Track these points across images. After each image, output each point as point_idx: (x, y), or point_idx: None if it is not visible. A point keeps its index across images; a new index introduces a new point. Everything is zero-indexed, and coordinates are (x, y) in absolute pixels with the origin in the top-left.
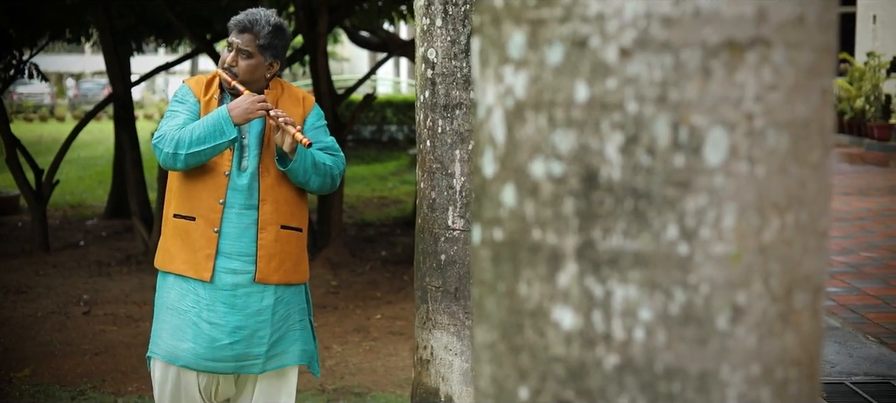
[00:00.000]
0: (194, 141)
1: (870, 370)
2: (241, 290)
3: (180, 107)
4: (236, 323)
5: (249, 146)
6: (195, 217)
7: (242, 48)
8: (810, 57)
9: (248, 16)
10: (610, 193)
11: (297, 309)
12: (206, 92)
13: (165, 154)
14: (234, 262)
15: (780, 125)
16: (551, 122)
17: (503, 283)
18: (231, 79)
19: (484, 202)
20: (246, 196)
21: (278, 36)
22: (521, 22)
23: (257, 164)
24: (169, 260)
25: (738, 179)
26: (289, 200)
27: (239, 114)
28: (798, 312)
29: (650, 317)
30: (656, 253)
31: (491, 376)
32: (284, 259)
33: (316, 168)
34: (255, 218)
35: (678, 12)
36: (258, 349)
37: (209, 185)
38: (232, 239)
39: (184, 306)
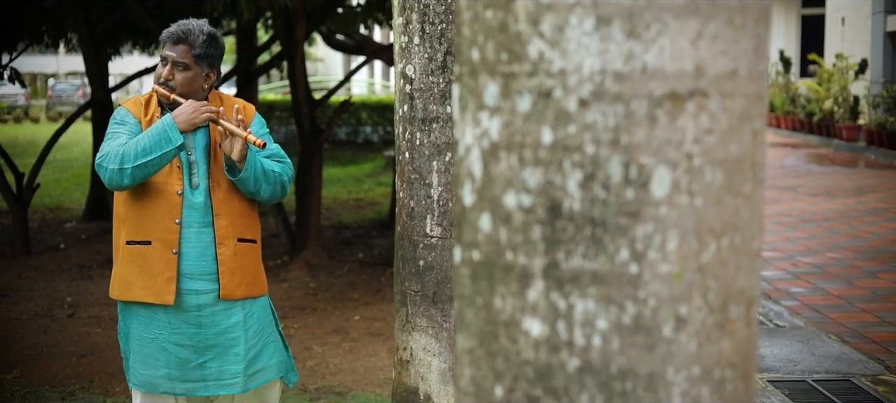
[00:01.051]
0: (140, 152)
1: (831, 368)
2: (207, 309)
3: (121, 128)
4: (207, 342)
5: (197, 162)
6: (151, 240)
7: (178, 60)
8: (742, 104)
9: (180, 27)
10: (571, 221)
11: (267, 321)
12: (146, 112)
13: (111, 171)
14: (197, 283)
15: (716, 163)
16: (521, 161)
17: (480, 297)
18: (169, 93)
19: (464, 227)
20: (202, 213)
21: (213, 45)
22: (495, 75)
23: (208, 179)
24: (127, 289)
25: (680, 210)
26: (243, 212)
27: (184, 120)
28: (733, 321)
29: (606, 326)
30: (611, 273)
31: (470, 377)
32: (245, 272)
33: (266, 175)
34: (212, 235)
35: (628, 68)
36: (235, 367)
37: (162, 207)
38: (193, 259)
39: (151, 334)
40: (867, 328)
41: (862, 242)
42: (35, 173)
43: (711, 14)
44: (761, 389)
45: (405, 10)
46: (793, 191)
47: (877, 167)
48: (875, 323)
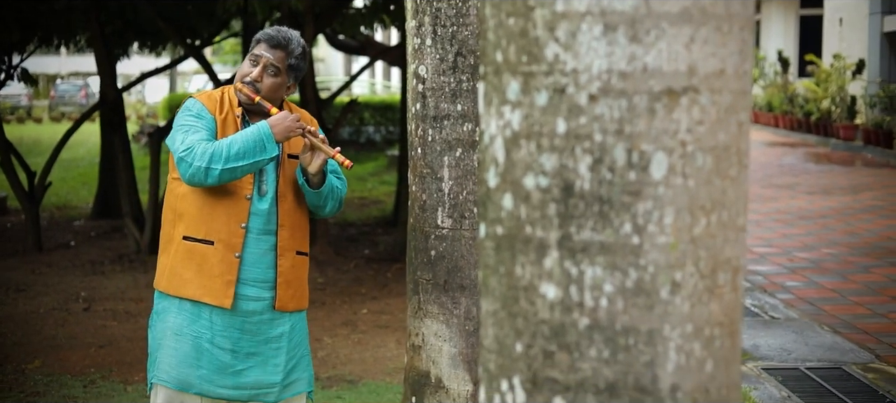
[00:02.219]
0: (232, 156)
1: (823, 357)
2: (256, 317)
3: (198, 122)
4: (250, 349)
5: (267, 169)
6: (214, 241)
7: (273, 64)
8: (729, 99)
9: (281, 33)
10: (582, 200)
11: (305, 334)
12: (221, 109)
13: (196, 167)
14: (251, 289)
15: (706, 149)
16: (539, 148)
17: (503, 266)
18: (254, 95)
19: (488, 206)
20: (265, 221)
21: (304, 59)
22: (517, 74)
23: (276, 189)
24: (181, 285)
25: (675, 189)
26: (303, 225)
27: (281, 131)
28: (721, 286)
29: (612, 290)
30: (616, 243)
31: (494, 336)
32: (298, 285)
33: (332, 191)
34: (272, 243)
35: (631, 68)
36: (273, 377)
37: (230, 209)
38: (249, 264)
39: (193, 331)
40: (859, 319)
41: (857, 238)
42: (47, 171)
43: (702, 21)
44: (756, 376)
45: (418, 13)
46: (790, 189)
47: (873, 166)
48: (867, 315)
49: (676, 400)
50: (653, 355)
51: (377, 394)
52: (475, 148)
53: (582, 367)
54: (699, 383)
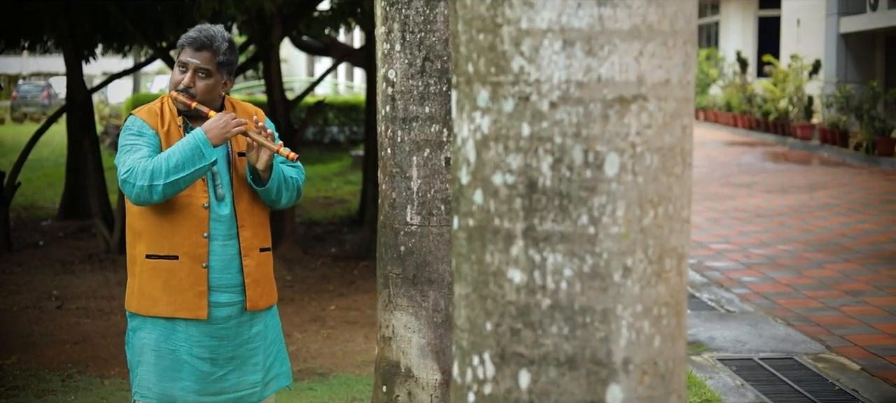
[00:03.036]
0: (172, 169)
1: (776, 348)
2: (231, 321)
3: (139, 139)
4: (228, 354)
5: (220, 173)
6: (178, 255)
7: (201, 66)
8: (674, 105)
9: (202, 33)
10: (544, 195)
11: (279, 328)
12: (162, 122)
13: (139, 187)
14: (223, 295)
15: (654, 150)
16: (506, 149)
17: (474, 255)
18: (190, 101)
19: (461, 201)
20: (228, 225)
21: (232, 52)
22: (486, 83)
23: (231, 191)
24: (151, 305)
25: (626, 186)
26: (263, 222)
27: (216, 135)
28: (667, 271)
29: (570, 274)
30: (574, 233)
31: (466, 316)
32: (266, 282)
33: (285, 182)
34: (238, 247)
35: (587, 79)
36: (254, 376)
37: (189, 221)
38: (218, 271)
39: (170, 345)
40: (812, 313)
41: (812, 235)
42: (16, 172)
43: (650, 37)
44: (711, 366)
45: (387, 19)
46: (748, 187)
47: (830, 165)
48: (820, 309)
49: (628, 372)
50: (607, 332)
51: (348, 386)
52: (442, 148)
53: (545, 343)
54: (648, 357)
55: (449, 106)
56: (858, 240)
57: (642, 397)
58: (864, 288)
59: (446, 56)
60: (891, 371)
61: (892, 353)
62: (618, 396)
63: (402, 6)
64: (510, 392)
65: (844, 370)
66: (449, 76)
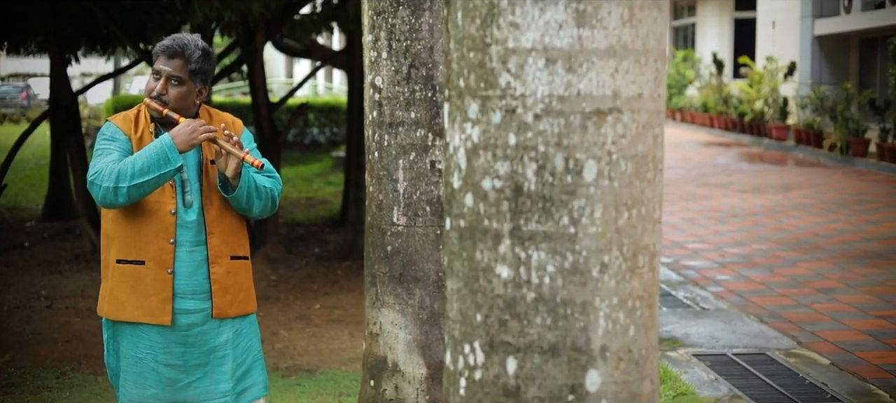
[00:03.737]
0: (137, 172)
1: (749, 343)
2: (196, 329)
3: (111, 144)
4: (195, 361)
5: (190, 179)
6: (145, 260)
7: (173, 74)
8: (646, 117)
9: (175, 41)
10: (529, 198)
11: (255, 338)
12: (136, 127)
13: (105, 189)
14: (188, 302)
15: (628, 157)
16: (494, 157)
17: (465, 252)
18: (162, 108)
19: (453, 203)
20: (195, 232)
21: (207, 60)
22: (476, 97)
23: (201, 198)
24: (119, 309)
25: (603, 190)
26: (234, 229)
27: (183, 141)
28: (641, 267)
29: (553, 270)
30: (556, 233)
31: (458, 309)
32: (238, 290)
33: (258, 191)
34: (205, 254)
35: (567, 93)
36: (223, 385)
37: (156, 226)
38: (184, 278)
39: (138, 353)
40: (784, 309)
41: (785, 235)
42: (2, 174)
43: (624, 55)
44: (686, 361)
45: (374, 28)
46: (724, 187)
47: (804, 165)
48: (792, 306)
49: (605, 359)
50: (586, 322)
51: (335, 381)
52: (428, 152)
53: (529, 332)
54: (623, 345)
55: (433, 111)
56: (831, 239)
57: (618, 381)
58: (836, 285)
59: (431, 63)
60: (859, 366)
61: (861, 348)
62: (596, 380)
63: (389, 16)
64: (498, 378)
65: (814, 364)
66: (434, 83)
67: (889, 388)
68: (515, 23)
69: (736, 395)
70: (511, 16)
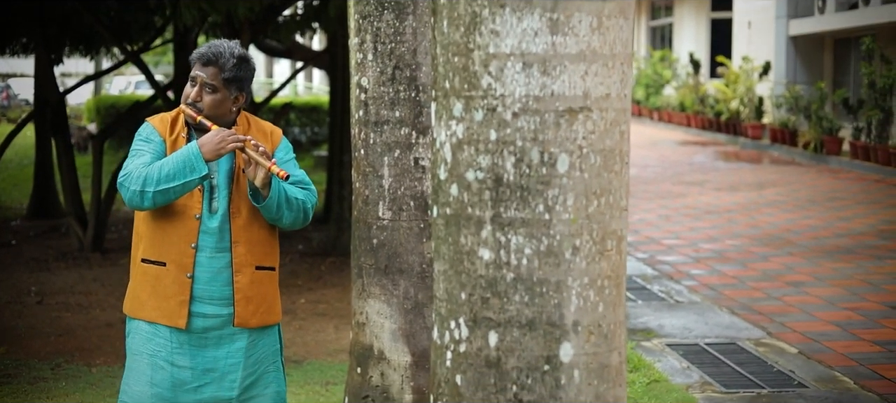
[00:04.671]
0: (163, 178)
1: (721, 334)
2: (213, 333)
3: (145, 146)
4: (205, 365)
5: (219, 186)
6: (166, 262)
7: (207, 82)
8: (613, 115)
9: (211, 48)
10: (508, 188)
11: (271, 350)
12: (172, 131)
13: (132, 192)
14: (207, 306)
15: (597, 151)
16: (477, 151)
17: (451, 237)
18: (196, 115)
19: (439, 193)
20: (217, 238)
21: (243, 68)
22: (460, 97)
23: (228, 205)
24: (139, 307)
25: (575, 180)
26: (262, 240)
27: (210, 150)
28: (609, 250)
29: (530, 252)
30: (532, 219)
31: (444, 288)
32: (261, 301)
33: (288, 203)
34: (227, 260)
35: (542, 94)
36: (229, 393)
37: (180, 230)
38: (204, 282)
39: (149, 349)
40: (755, 302)
41: (759, 231)
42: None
43: (593, 59)
44: (660, 351)
45: (360, 31)
46: (699, 186)
47: (779, 163)
48: (763, 298)
49: (577, 332)
50: (560, 299)
51: (321, 371)
52: (412, 149)
53: (509, 309)
54: (593, 320)
55: (417, 110)
56: (803, 235)
57: (589, 353)
58: (806, 279)
59: (415, 65)
60: (826, 355)
61: (828, 338)
62: (569, 352)
63: (374, 19)
64: (481, 350)
65: (783, 353)
66: (417, 83)
67: (853, 375)
68: (496, 30)
69: (707, 382)
70: (492, 24)
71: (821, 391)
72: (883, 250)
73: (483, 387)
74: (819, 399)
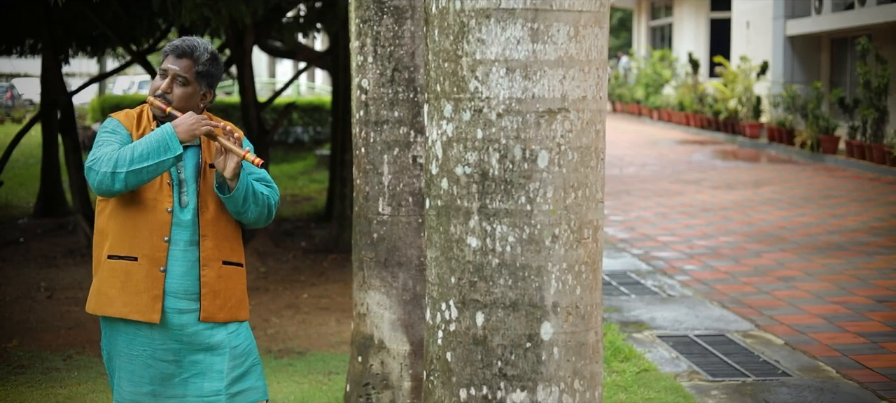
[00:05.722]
0: (136, 158)
1: (710, 326)
2: (190, 328)
3: (112, 136)
4: (190, 357)
5: (187, 180)
6: (137, 256)
7: (180, 74)
8: (589, 115)
9: (185, 42)
10: (494, 182)
11: (251, 344)
12: (138, 125)
13: (102, 174)
14: (181, 301)
15: (574, 149)
16: (465, 148)
17: (442, 227)
18: (165, 106)
19: (431, 186)
20: (190, 232)
21: (215, 65)
22: (450, 99)
23: (197, 199)
24: (107, 304)
25: (554, 174)
26: (228, 235)
27: (184, 130)
28: (586, 239)
29: (513, 240)
30: (516, 210)
31: (436, 273)
32: (229, 295)
33: (255, 197)
34: (198, 255)
35: (524, 96)
36: (217, 384)
37: (151, 223)
38: (177, 277)
39: (134, 351)
40: (746, 296)
41: (753, 228)
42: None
43: (570, 65)
44: (651, 342)
45: (361, 35)
46: (696, 184)
47: (777, 162)
48: (753, 293)
49: (557, 313)
50: (541, 283)
51: (324, 361)
52: (410, 147)
53: (494, 291)
54: (571, 302)
55: (415, 110)
56: (796, 232)
57: (567, 332)
58: (796, 274)
59: (413, 67)
60: (811, 346)
61: (813, 330)
62: (549, 331)
63: (374, 23)
64: (469, 329)
65: (769, 344)
66: (415, 85)
67: (836, 364)
68: (482, 39)
69: (694, 371)
70: (478, 33)
71: (803, 379)
72: (873, 246)
73: (471, 363)
74: (801, 387)
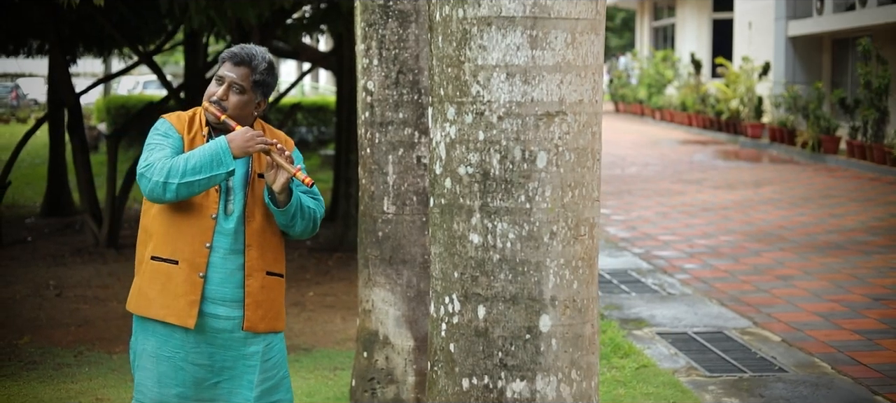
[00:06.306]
0: (189, 170)
1: (709, 324)
2: (226, 335)
3: (164, 140)
4: (223, 363)
5: (234, 189)
6: (178, 260)
7: (237, 82)
8: (586, 118)
9: (244, 50)
10: (495, 181)
11: (283, 356)
12: (190, 129)
13: (154, 182)
14: (219, 308)
15: (571, 150)
16: (467, 149)
17: (445, 224)
18: (220, 114)
19: (435, 186)
20: (232, 240)
21: (271, 74)
22: (453, 103)
23: (243, 209)
24: (146, 305)
25: (552, 174)
26: (273, 246)
27: (238, 146)
28: (582, 236)
29: (513, 237)
30: (516, 208)
31: (440, 268)
32: (270, 306)
33: (302, 211)
34: (239, 263)
35: (524, 100)
36: (247, 392)
37: (195, 228)
38: (216, 283)
39: (167, 352)
40: (744, 294)
41: (753, 227)
42: (7, 171)
43: (568, 70)
44: (650, 339)
45: (366, 38)
46: (698, 184)
47: (778, 162)
48: (752, 291)
49: (555, 306)
50: (539, 278)
51: (330, 358)
52: (414, 148)
53: (495, 286)
54: (569, 295)
55: (419, 112)
56: (795, 232)
57: (565, 324)
58: (795, 273)
59: (417, 69)
60: (807, 343)
61: (810, 328)
62: (547, 323)
63: (379, 27)
64: (471, 322)
65: (767, 341)
66: (419, 87)
67: (831, 361)
68: (483, 45)
69: (692, 367)
70: (480, 40)
71: (799, 375)
72: (871, 246)
73: (473, 354)
74: (797, 383)
